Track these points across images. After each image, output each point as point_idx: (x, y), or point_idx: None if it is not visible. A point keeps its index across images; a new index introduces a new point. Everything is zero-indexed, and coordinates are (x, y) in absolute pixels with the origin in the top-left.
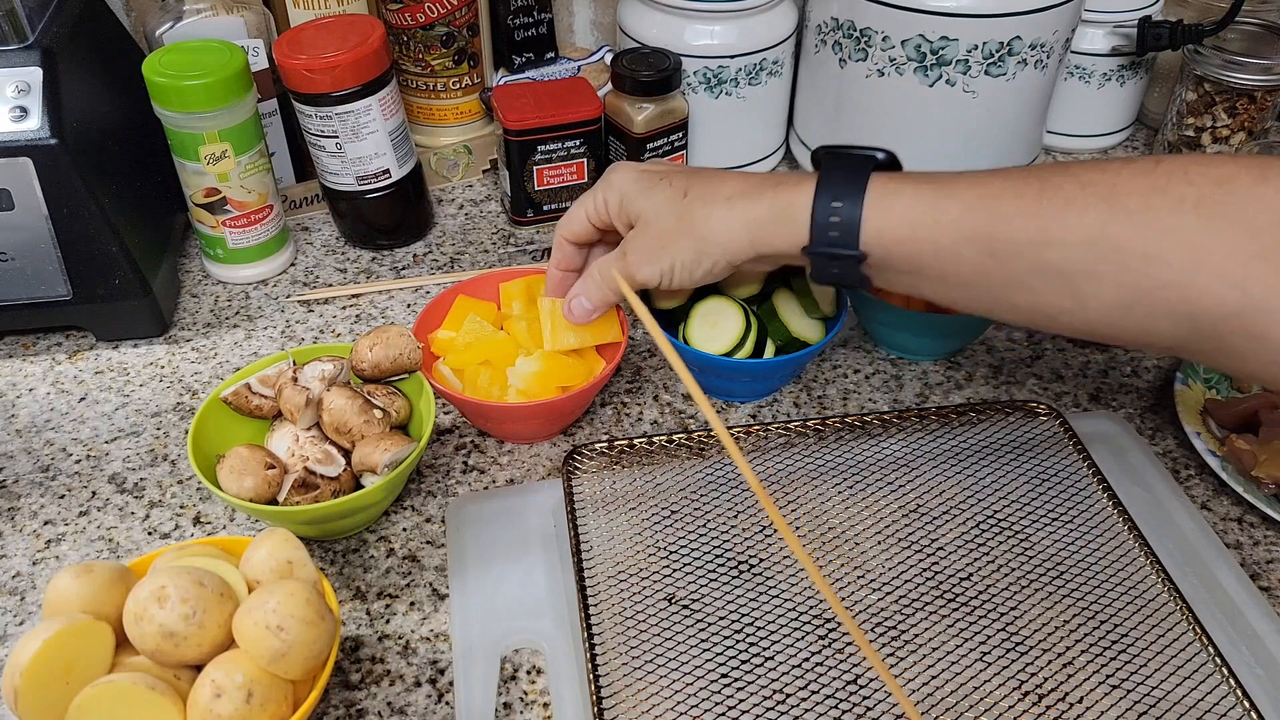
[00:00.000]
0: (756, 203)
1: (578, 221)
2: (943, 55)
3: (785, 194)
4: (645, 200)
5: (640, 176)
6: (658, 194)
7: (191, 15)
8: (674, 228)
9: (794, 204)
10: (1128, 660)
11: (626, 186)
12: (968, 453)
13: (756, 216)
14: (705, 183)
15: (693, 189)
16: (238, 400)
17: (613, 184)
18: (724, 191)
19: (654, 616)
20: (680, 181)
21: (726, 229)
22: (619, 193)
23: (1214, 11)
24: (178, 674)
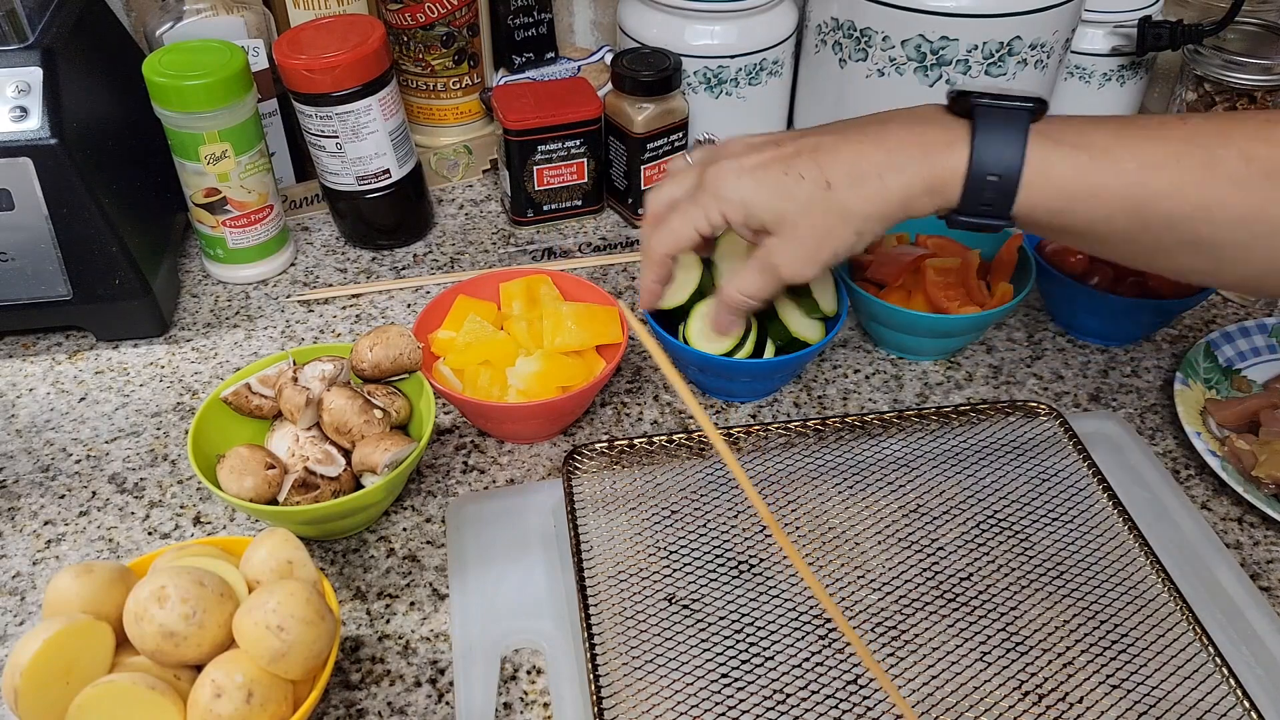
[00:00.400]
0: (908, 171)
1: (687, 239)
2: (943, 55)
3: (937, 159)
4: (784, 204)
5: (760, 179)
6: (797, 193)
7: (191, 15)
8: (829, 224)
9: (947, 173)
10: (1128, 660)
11: (749, 195)
12: (968, 453)
13: (910, 188)
14: (844, 162)
15: (834, 174)
16: (238, 400)
17: (730, 197)
18: (870, 166)
19: (654, 616)
20: (812, 170)
21: (882, 205)
22: (742, 206)
23: (1214, 11)
24: (178, 674)
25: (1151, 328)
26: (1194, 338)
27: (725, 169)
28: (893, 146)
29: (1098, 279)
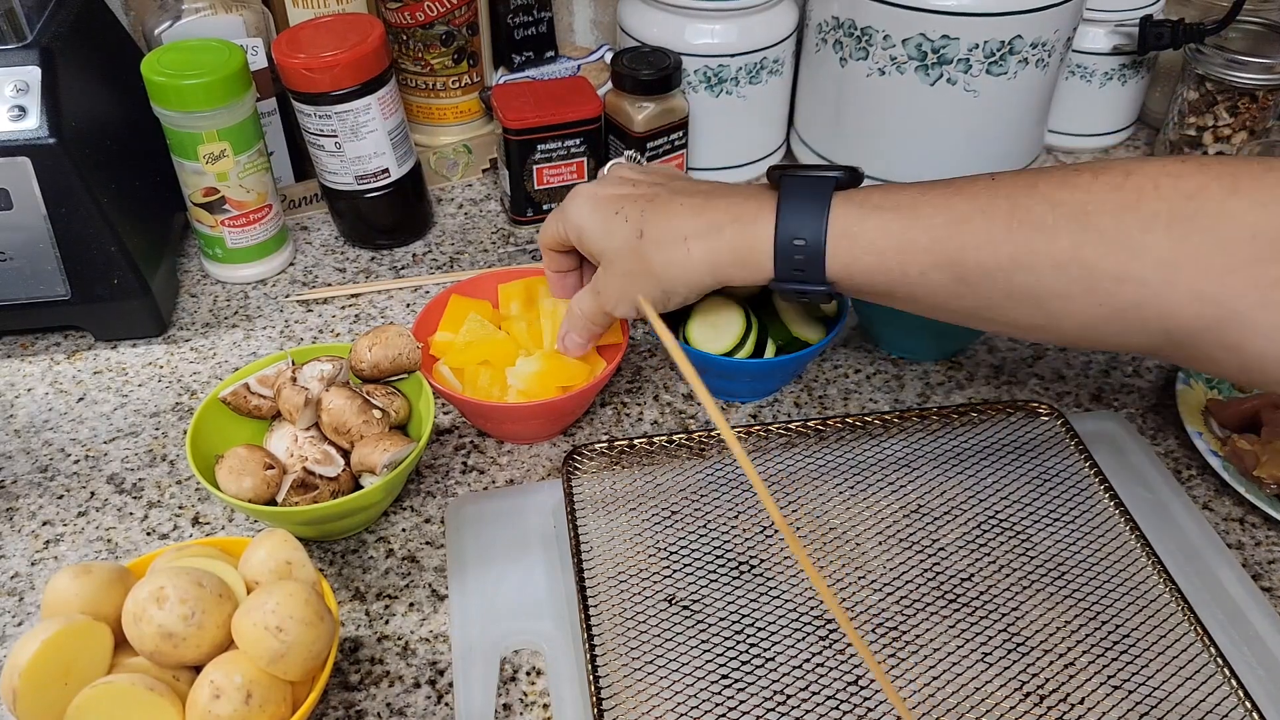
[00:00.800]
0: (715, 241)
1: (551, 235)
2: (944, 54)
3: (745, 229)
4: (604, 241)
5: (595, 210)
6: (615, 234)
7: (190, 14)
8: (635, 269)
9: (755, 241)
10: (1129, 661)
11: (584, 222)
12: (969, 453)
13: (717, 257)
14: (661, 218)
15: (648, 227)
16: (236, 400)
17: (570, 217)
18: (679, 229)
19: (654, 617)
20: (635, 216)
21: (685, 271)
22: (577, 228)
23: (1215, 10)
24: (177, 675)
25: None
26: None
27: (581, 191)
28: (709, 216)
29: None
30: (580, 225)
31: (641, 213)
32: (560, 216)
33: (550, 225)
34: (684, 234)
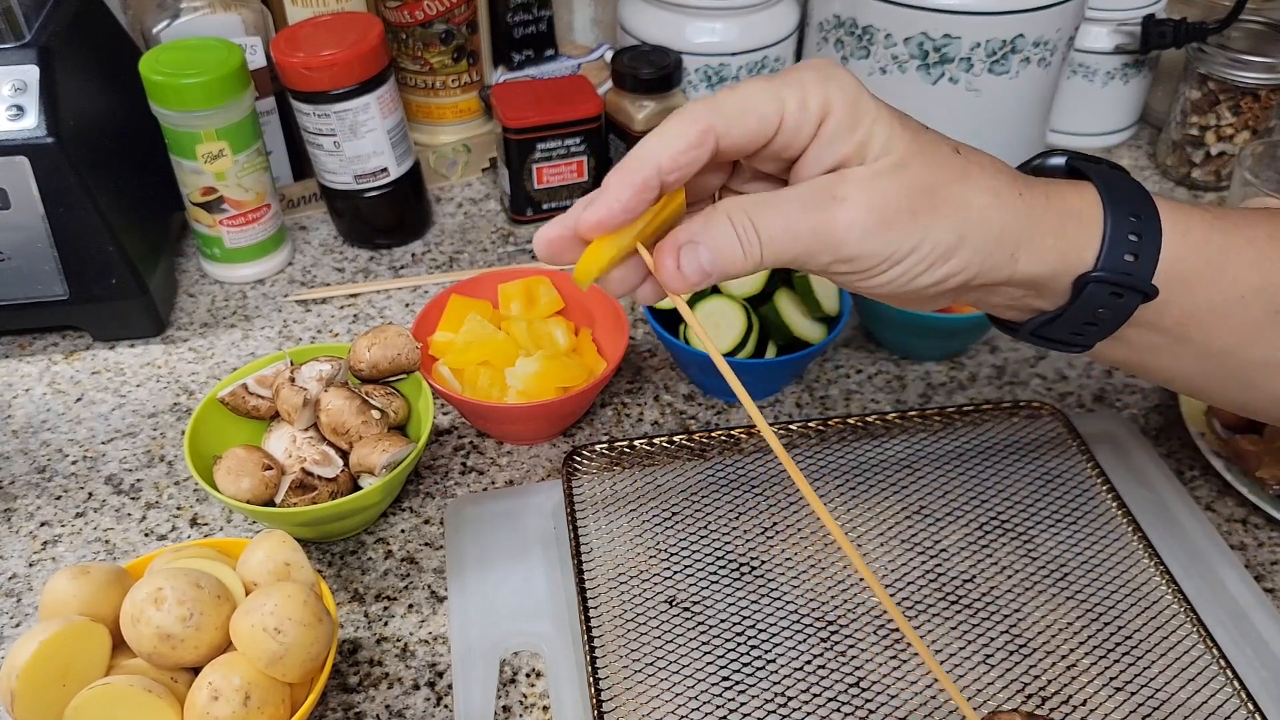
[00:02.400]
0: (1032, 196)
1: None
2: (946, 53)
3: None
4: (903, 129)
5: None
6: (922, 132)
7: (189, 13)
8: (942, 187)
9: (1082, 210)
10: (1131, 663)
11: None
12: (971, 453)
13: (1036, 213)
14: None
15: (963, 147)
16: (235, 401)
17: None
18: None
19: (654, 619)
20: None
21: (1002, 217)
22: (851, 93)
23: (1218, 10)
24: (175, 676)
25: None
26: None
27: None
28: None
29: None
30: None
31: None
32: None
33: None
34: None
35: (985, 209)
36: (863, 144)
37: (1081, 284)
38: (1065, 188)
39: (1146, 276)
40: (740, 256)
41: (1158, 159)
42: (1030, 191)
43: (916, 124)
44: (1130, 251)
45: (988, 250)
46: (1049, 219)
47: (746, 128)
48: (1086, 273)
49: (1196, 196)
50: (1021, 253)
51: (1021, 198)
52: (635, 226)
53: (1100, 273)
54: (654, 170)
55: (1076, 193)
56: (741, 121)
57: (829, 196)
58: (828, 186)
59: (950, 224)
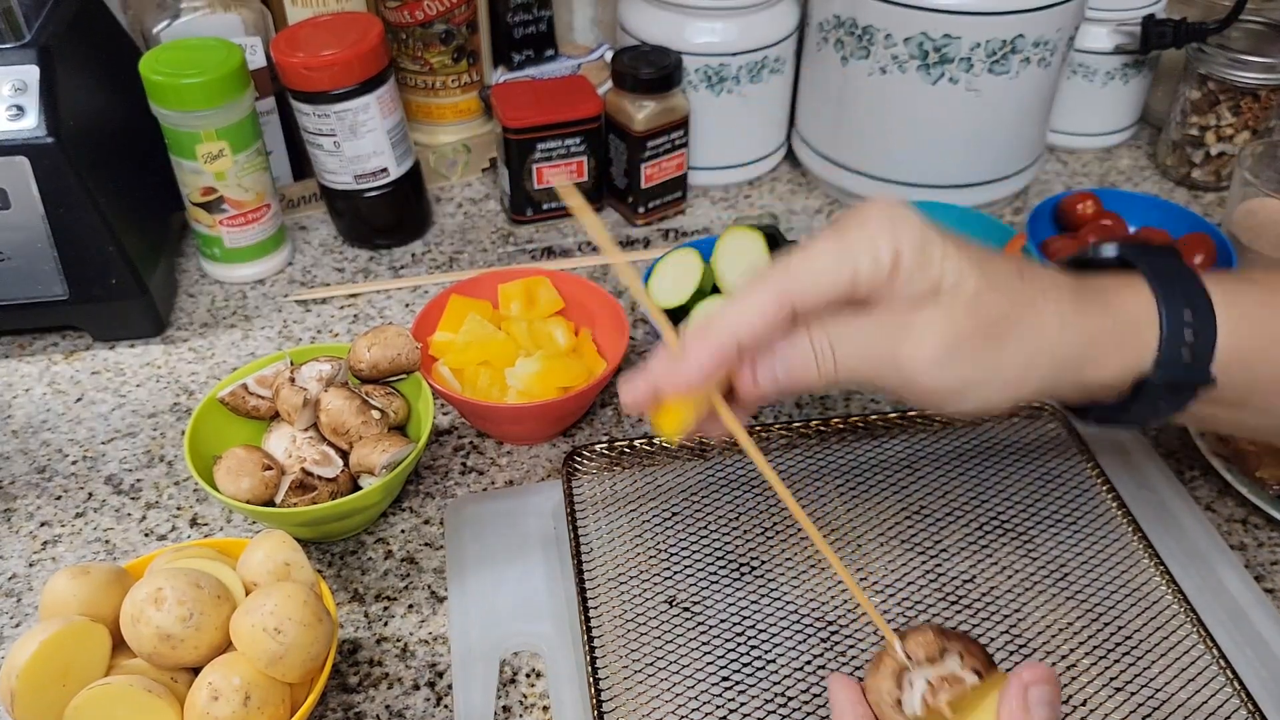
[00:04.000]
0: (1093, 312)
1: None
2: (945, 53)
3: (1113, 300)
4: (971, 263)
5: (935, 231)
6: (988, 261)
7: (189, 13)
8: (1011, 318)
9: (1139, 315)
10: (1131, 663)
11: (930, 236)
12: (971, 454)
13: (1098, 330)
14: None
15: (1026, 270)
16: (235, 401)
17: (905, 223)
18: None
19: (654, 619)
20: (997, 253)
21: (1067, 339)
22: (919, 237)
23: (1217, 10)
24: (175, 676)
25: None
26: None
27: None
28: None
29: None
30: (926, 235)
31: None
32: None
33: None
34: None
35: (1052, 335)
36: (935, 281)
37: (1140, 384)
38: (1122, 290)
39: (1204, 369)
40: (814, 372)
41: (1158, 159)
42: (1090, 307)
43: (981, 251)
44: (1187, 349)
45: (1055, 372)
46: (1110, 332)
47: (821, 293)
48: (1145, 376)
49: (1196, 196)
50: (1087, 367)
51: (1084, 315)
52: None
53: (1159, 375)
54: (734, 341)
55: (1132, 294)
56: (816, 288)
57: (905, 330)
58: (904, 320)
59: (1019, 353)
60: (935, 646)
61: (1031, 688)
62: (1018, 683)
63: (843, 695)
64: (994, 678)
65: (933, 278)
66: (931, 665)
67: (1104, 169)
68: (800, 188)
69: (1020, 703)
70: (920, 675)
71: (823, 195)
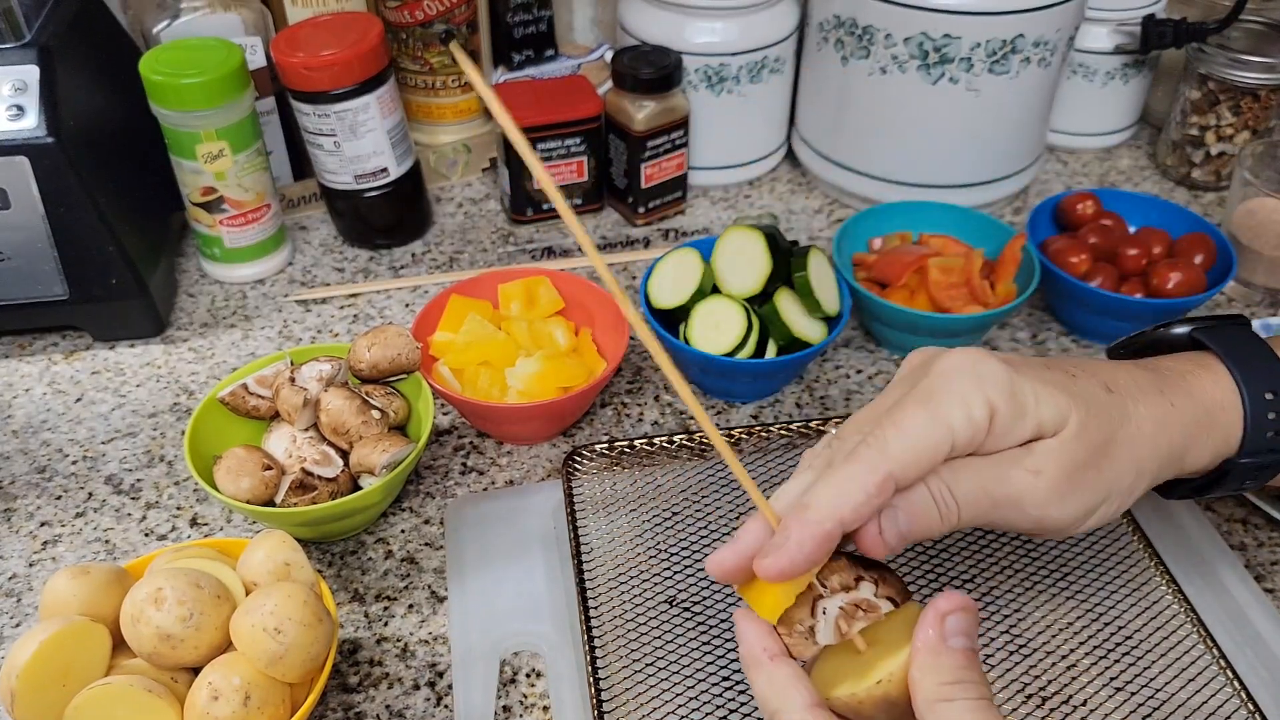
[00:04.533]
0: (1170, 401)
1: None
2: (945, 53)
3: (1195, 388)
4: (1065, 396)
5: (1021, 369)
6: (1074, 383)
7: (189, 13)
8: (1114, 437)
9: (1223, 400)
10: (1132, 663)
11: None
12: None
13: (1179, 420)
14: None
15: (1108, 377)
16: (235, 401)
17: (990, 378)
18: (1144, 402)
19: (655, 619)
20: (1078, 366)
21: (1168, 439)
22: (1007, 387)
23: (1218, 10)
24: (175, 676)
25: None
26: None
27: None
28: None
29: (1101, 279)
30: (1014, 386)
31: (1079, 363)
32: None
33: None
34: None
35: (1153, 439)
36: (1036, 425)
37: (1228, 465)
38: (1201, 375)
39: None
40: (937, 520)
41: (1157, 159)
42: (1178, 400)
43: (1065, 376)
44: (1272, 430)
45: (1161, 471)
46: (1200, 422)
47: (922, 465)
48: (1232, 457)
49: (1196, 196)
50: (1186, 458)
51: (1176, 410)
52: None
53: (1246, 458)
54: (837, 523)
55: (1212, 379)
56: (917, 463)
57: (1019, 471)
58: (1016, 460)
59: (1129, 464)
60: (850, 574)
61: (949, 617)
62: (934, 611)
63: (750, 627)
64: (909, 608)
65: (1031, 424)
66: (846, 593)
67: (1104, 169)
68: (800, 188)
69: (937, 631)
70: (834, 602)
71: (822, 195)
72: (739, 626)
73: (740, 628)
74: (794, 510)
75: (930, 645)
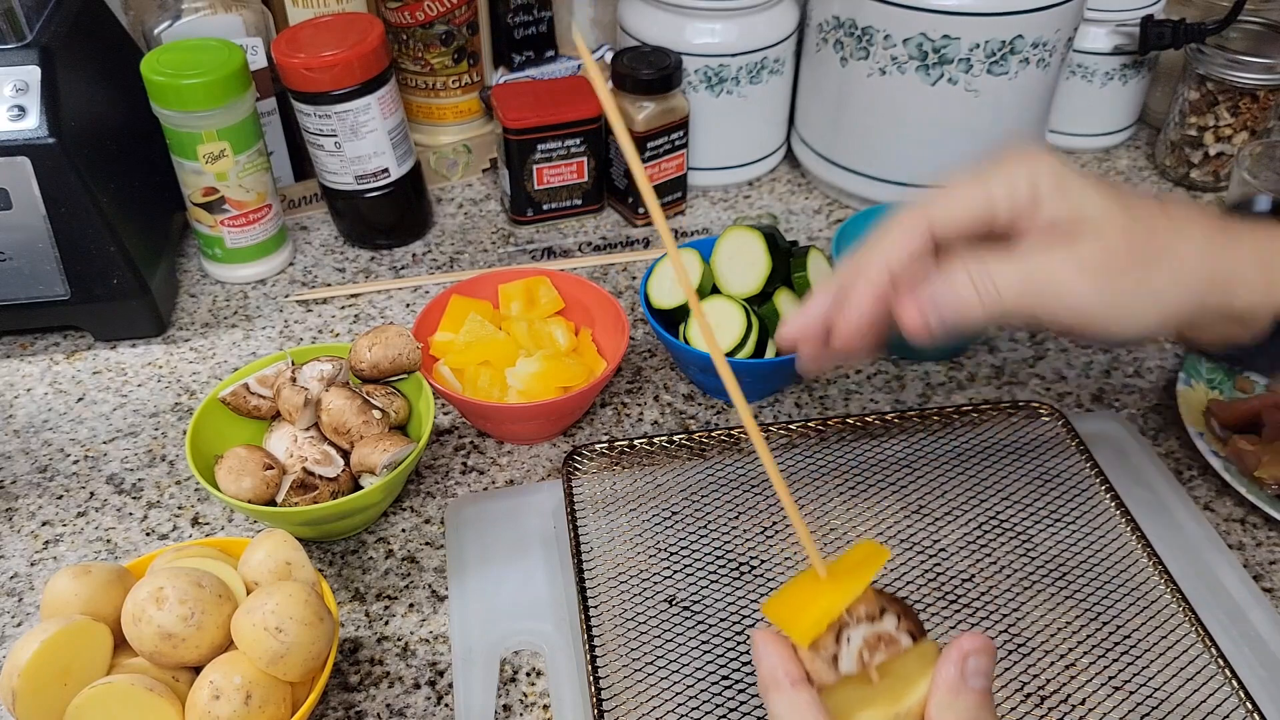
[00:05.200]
0: (1239, 236)
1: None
2: (945, 54)
3: (1262, 234)
4: (1114, 195)
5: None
6: (1128, 193)
7: (190, 14)
8: (1159, 241)
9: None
10: (1130, 662)
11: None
12: (970, 453)
13: (1242, 252)
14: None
15: (1166, 203)
16: (236, 400)
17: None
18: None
19: (654, 618)
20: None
21: (1214, 258)
22: (1055, 170)
23: (1216, 10)
24: (176, 675)
25: None
26: None
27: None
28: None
29: None
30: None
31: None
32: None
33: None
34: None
35: (1199, 254)
36: (1078, 212)
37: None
38: (1272, 229)
39: None
40: (976, 300)
41: (1156, 159)
42: (1235, 232)
43: (1122, 188)
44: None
45: (1204, 293)
46: (1255, 256)
47: (960, 220)
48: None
49: (1195, 197)
50: (1236, 288)
51: (1231, 241)
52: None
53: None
54: (885, 269)
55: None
56: (954, 216)
57: (1059, 254)
58: (1056, 245)
59: (1171, 270)
60: (875, 606)
61: (970, 657)
62: (957, 650)
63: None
64: (925, 645)
65: (1074, 209)
66: (870, 623)
67: (1103, 169)
68: (800, 188)
69: (959, 670)
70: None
71: (822, 196)
72: (758, 647)
73: (760, 649)
74: (845, 268)
75: (951, 684)
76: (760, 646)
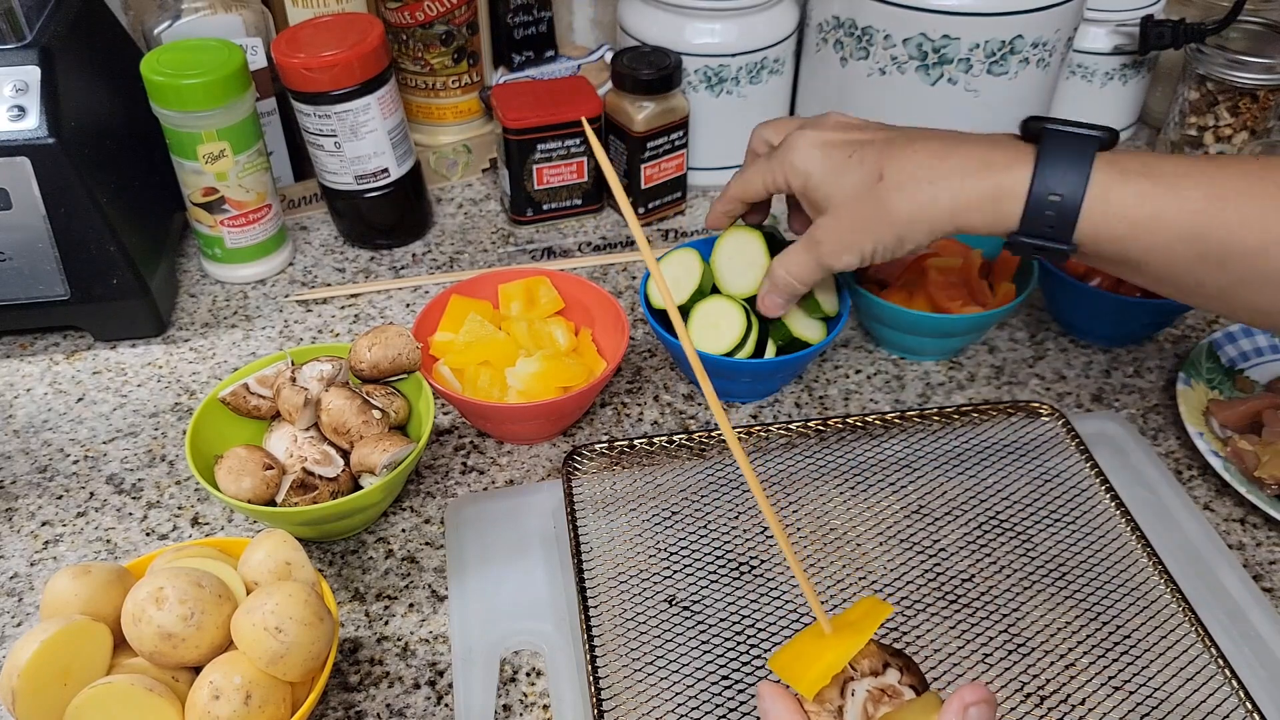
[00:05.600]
0: (962, 185)
1: (754, 189)
2: (944, 54)
3: (995, 176)
4: (834, 186)
5: (827, 154)
6: (847, 177)
7: (190, 14)
8: (869, 215)
9: (1005, 190)
10: (1130, 662)
11: (812, 166)
12: (970, 453)
13: (963, 200)
14: (902, 160)
15: (888, 169)
16: (236, 401)
17: (796, 165)
18: (926, 172)
19: (654, 618)
20: (872, 159)
21: (930, 213)
22: (803, 175)
23: (1216, 10)
24: (176, 675)
25: (1154, 328)
26: (1196, 338)
27: (804, 136)
28: (955, 160)
29: (1100, 279)
30: (808, 170)
31: (879, 155)
32: (777, 164)
33: (757, 174)
34: (930, 177)
35: (912, 216)
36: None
37: (1012, 239)
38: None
39: (1065, 239)
40: (791, 282)
41: None
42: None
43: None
44: (1047, 225)
45: (924, 237)
46: (977, 204)
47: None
48: (1012, 231)
49: None
50: (959, 223)
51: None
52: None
53: (1020, 237)
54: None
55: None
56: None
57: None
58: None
59: (886, 233)
60: (879, 660)
61: (971, 708)
62: (959, 702)
63: (776, 704)
64: (927, 697)
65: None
66: (874, 677)
67: None
68: None
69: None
70: (863, 685)
71: None
72: (764, 701)
73: (766, 703)
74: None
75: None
76: (766, 700)
